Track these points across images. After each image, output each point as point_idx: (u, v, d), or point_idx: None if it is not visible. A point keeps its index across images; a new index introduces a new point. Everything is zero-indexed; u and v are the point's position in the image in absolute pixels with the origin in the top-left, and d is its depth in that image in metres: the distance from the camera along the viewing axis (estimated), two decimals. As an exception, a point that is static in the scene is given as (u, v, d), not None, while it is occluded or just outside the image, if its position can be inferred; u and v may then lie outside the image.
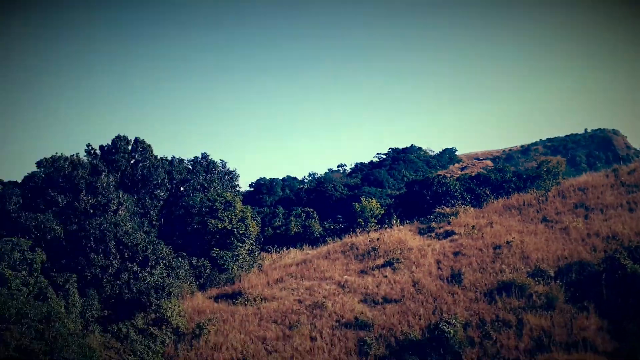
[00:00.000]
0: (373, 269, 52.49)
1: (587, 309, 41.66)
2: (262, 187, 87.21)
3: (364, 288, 49.11)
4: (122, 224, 48.48)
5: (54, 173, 52.50)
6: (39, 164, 53.75)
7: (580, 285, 44.65)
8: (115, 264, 46.59)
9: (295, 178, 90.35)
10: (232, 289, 50.84)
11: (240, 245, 55.29)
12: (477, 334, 40.74)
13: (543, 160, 77.41)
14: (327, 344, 42.00)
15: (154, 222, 56.47)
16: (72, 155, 55.05)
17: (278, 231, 63.92)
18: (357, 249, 57.26)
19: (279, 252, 60.48)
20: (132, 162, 58.21)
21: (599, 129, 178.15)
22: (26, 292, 40.14)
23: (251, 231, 56.95)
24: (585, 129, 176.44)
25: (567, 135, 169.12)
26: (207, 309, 46.85)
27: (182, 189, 61.76)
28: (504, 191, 68.85)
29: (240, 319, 45.43)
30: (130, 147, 58.30)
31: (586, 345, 37.87)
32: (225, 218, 55.18)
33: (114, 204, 51.64)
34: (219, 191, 60.33)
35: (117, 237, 47.28)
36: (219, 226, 54.87)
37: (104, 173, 53.22)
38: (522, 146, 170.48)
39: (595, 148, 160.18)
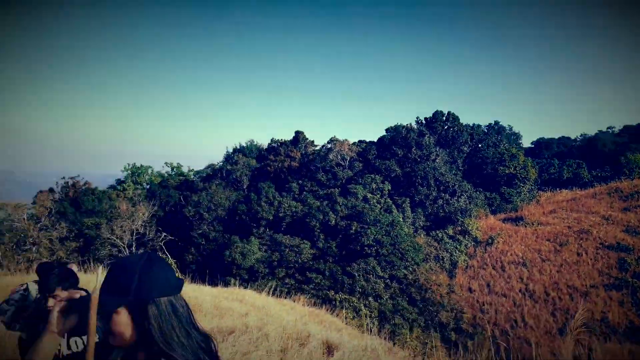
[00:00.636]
0: (635, 207, 46.60)
1: None
2: (540, 144, 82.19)
3: (626, 221, 44.14)
4: (438, 168, 50.46)
5: (396, 135, 55.94)
6: (387, 130, 58.38)
7: None
8: (433, 194, 48.76)
9: (568, 137, 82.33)
10: (515, 215, 49.99)
11: (522, 185, 54.27)
12: None
13: None
14: (591, 260, 39.67)
15: (460, 168, 57.78)
16: (407, 124, 58.71)
17: (552, 176, 60.57)
18: (621, 192, 50.81)
19: (552, 191, 57.38)
20: (445, 127, 59.27)
21: None
22: (379, 207, 43.83)
23: (530, 175, 55.25)
24: None
25: None
26: (497, 227, 47.05)
27: (479, 145, 61.89)
28: None
29: (521, 235, 45.00)
30: (444, 118, 59.52)
31: None
32: (511, 166, 54.16)
33: (433, 155, 53.50)
34: (506, 147, 59.51)
35: (434, 176, 49.31)
36: (506, 171, 54.02)
37: (427, 135, 55.22)
38: None
39: None
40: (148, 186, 58.91)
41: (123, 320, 1.42)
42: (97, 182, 54.41)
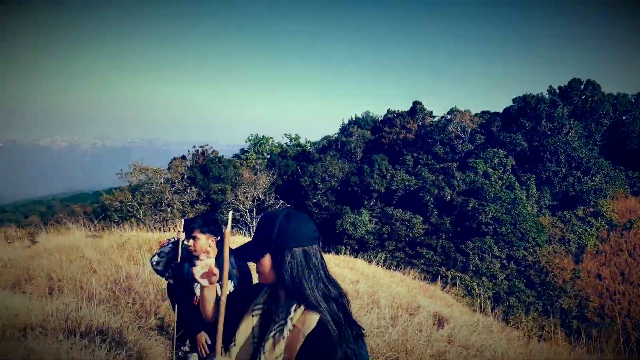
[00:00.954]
0: None
1: None
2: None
3: None
4: (570, 143, 47.03)
5: (524, 106, 52.52)
6: (514, 100, 54.91)
7: None
8: (563, 171, 45.81)
9: None
10: (662, 197, 45.00)
11: (675, 164, 48.09)
12: None
13: None
14: None
15: (597, 143, 52.67)
16: (538, 94, 54.76)
17: None
18: None
19: None
20: (583, 97, 53.73)
21: None
22: (500, 184, 42.18)
23: (686, 153, 48.55)
24: None
25: None
26: (638, 210, 42.43)
27: (624, 117, 55.36)
28: None
29: (668, 221, 40.74)
30: (582, 87, 54.36)
31: None
32: (662, 141, 48.40)
33: (565, 128, 49.75)
34: (658, 119, 52.56)
35: (566, 151, 46.29)
36: (655, 148, 48.56)
37: (560, 106, 51.07)
38: None
39: None
40: (269, 156, 62.32)
41: (267, 264, 1.80)
42: (223, 151, 58.96)
